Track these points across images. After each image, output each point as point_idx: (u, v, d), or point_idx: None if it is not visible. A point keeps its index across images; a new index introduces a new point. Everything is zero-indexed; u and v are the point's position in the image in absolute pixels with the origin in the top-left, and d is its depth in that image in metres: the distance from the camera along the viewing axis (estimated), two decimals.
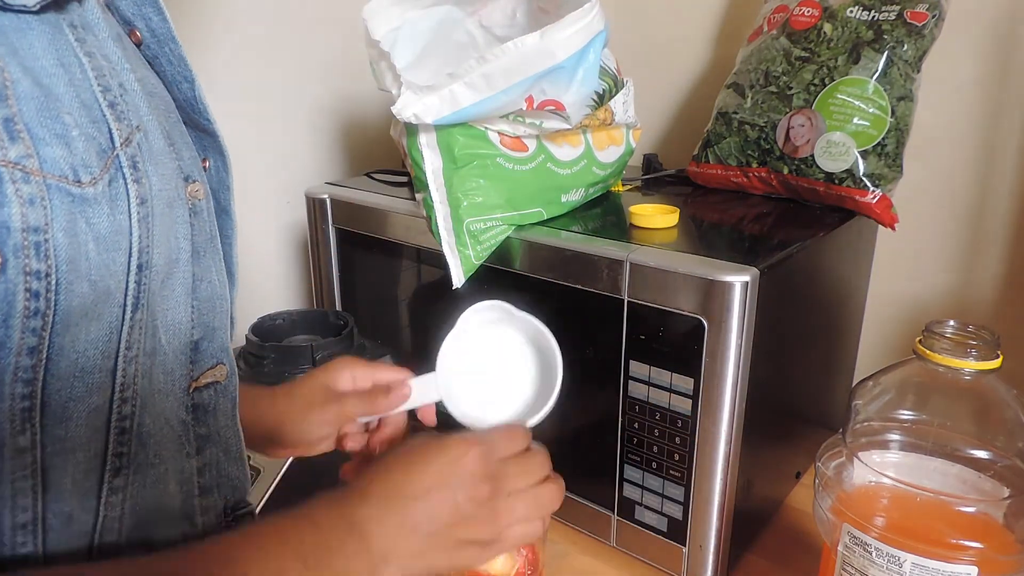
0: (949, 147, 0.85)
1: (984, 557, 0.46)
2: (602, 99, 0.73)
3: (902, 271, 0.90)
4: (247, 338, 0.81)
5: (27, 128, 0.33)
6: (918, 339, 0.51)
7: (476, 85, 0.62)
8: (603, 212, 0.78)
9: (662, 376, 0.62)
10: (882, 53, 0.75)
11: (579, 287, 0.66)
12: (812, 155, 0.77)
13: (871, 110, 0.75)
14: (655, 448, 0.65)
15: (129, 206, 0.36)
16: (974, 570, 0.46)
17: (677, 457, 0.64)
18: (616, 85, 0.76)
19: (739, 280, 0.57)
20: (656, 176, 0.93)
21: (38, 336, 0.33)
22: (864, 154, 0.75)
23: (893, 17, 0.76)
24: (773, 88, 0.80)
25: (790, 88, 0.79)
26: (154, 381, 0.40)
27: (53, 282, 0.33)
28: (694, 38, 1.02)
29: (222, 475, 0.47)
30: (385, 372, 0.59)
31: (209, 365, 0.45)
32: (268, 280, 1.02)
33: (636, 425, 0.65)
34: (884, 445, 0.53)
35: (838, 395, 0.85)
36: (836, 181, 0.76)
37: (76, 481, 0.37)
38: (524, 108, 0.66)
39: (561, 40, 0.62)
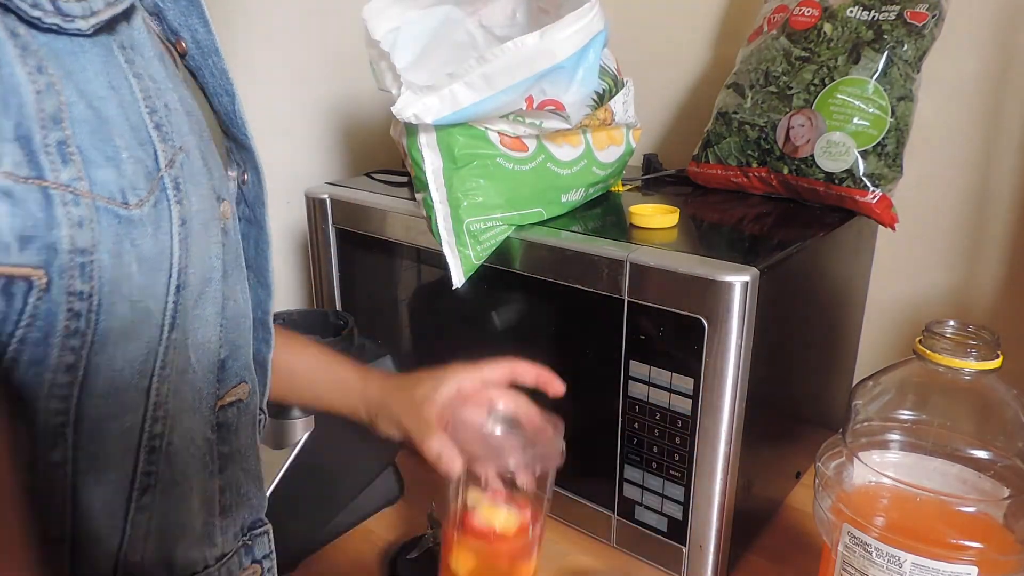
0: (949, 147, 0.85)
1: (984, 557, 0.46)
2: (602, 99, 0.73)
3: (902, 271, 0.90)
4: None
5: (80, 151, 0.33)
6: (918, 339, 0.51)
7: (476, 85, 0.62)
8: (603, 212, 0.78)
9: (662, 376, 0.62)
10: (882, 53, 0.75)
11: (579, 287, 0.65)
12: (812, 155, 0.77)
13: (871, 110, 0.75)
14: (655, 448, 0.65)
15: (171, 227, 0.37)
16: (974, 570, 0.46)
17: (677, 457, 0.64)
18: (616, 85, 0.76)
19: (739, 280, 0.57)
20: (656, 176, 0.93)
21: (76, 354, 0.34)
22: (864, 154, 0.75)
23: (893, 17, 0.76)
24: (773, 88, 0.80)
25: (790, 88, 0.79)
26: (183, 400, 0.40)
27: (95, 303, 0.33)
28: (694, 38, 1.02)
29: (241, 494, 0.47)
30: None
31: (233, 383, 0.45)
32: None
33: (636, 425, 0.65)
34: (884, 445, 0.53)
35: (838, 395, 0.85)
36: (836, 181, 0.76)
37: (105, 499, 0.37)
38: (524, 108, 0.66)
39: (561, 40, 0.62)
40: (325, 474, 0.70)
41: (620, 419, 0.66)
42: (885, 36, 0.75)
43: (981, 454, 0.50)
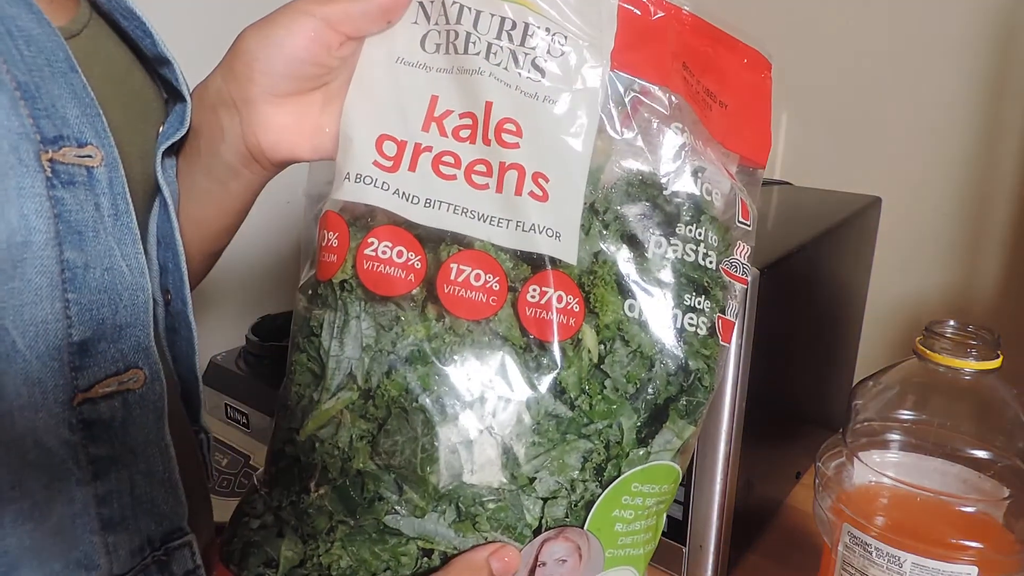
0: (949, 146, 0.85)
1: (984, 557, 0.46)
2: None
3: (902, 271, 0.90)
4: (247, 338, 0.81)
5: None
6: (918, 339, 0.51)
7: None
8: None
9: None
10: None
11: None
12: None
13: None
14: None
15: None
16: (974, 570, 0.46)
17: None
18: None
19: None
20: None
21: None
22: None
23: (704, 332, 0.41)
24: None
25: None
26: (6, 396, 0.33)
27: None
28: None
29: (141, 503, 0.39)
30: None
31: (110, 372, 0.36)
32: (268, 280, 1.02)
33: None
34: (884, 445, 0.53)
35: (838, 395, 0.85)
36: None
37: None
38: None
39: None
40: None
41: None
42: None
43: (981, 454, 0.50)
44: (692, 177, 0.39)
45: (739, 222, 0.41)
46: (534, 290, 0.37)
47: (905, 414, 0.52)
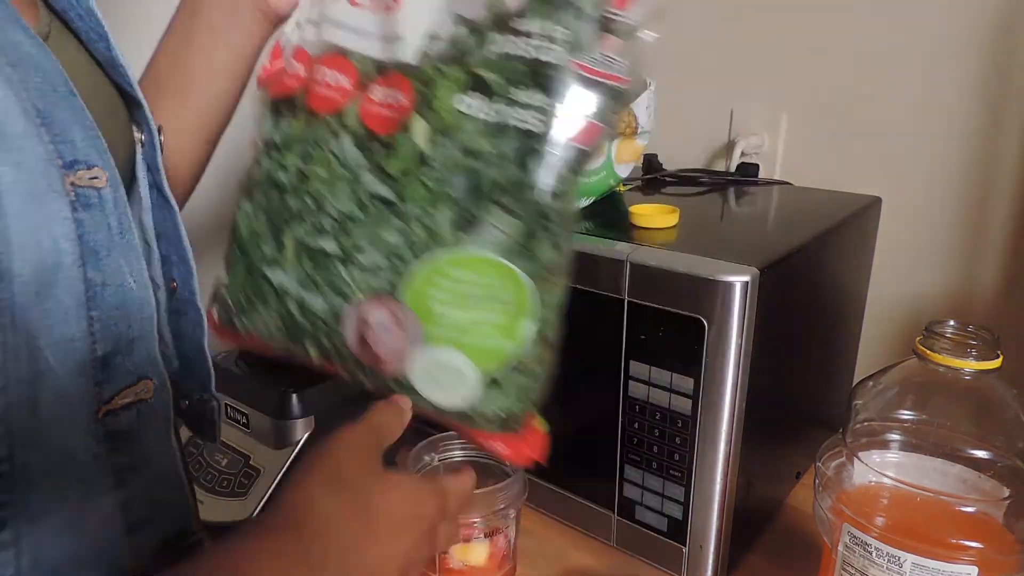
0: (949, 146, 0.85)
1: (984, 557, 0.46)
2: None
3: (902, 271, 0.90)
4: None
5: None
6: (918, 339, 0.51)
7: None
8: (603, 212, 0.78)
9: (662, 376, 0.62)
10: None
11: (579, 287, 0.65)
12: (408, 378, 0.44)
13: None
14: (655, 448, 0.65)
15: None
16: (974, 570, 0.46)
17: (677, 457, 0.64)
18: (639, 85, 0.76)
19: (739, 280, 0.57)
20: (656, 176, 0.93)
21: None
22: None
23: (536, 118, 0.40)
24: (312, 235, 0.45)
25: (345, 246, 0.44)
26: (40, 412, 0.34)
27: None
28: (694, 38, 1.02)
29: (157, 506, 0.41)
30: None
31: (127, 383, 0.38)
32: None
33: (636, 425, 0.65)
34: (884, 445, 0.53)
35: (838, 395, 0.85)
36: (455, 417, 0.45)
37: None
38: None
39: None
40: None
41: (620, 419, 0.66)
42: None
43: (981, 454, 0.50)
44: None
45: (610, 12, 0.39)
46: (377, 89, 0.43)
47: (905, 414, 0.52)
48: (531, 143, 0.39)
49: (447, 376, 0.42)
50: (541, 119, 0.39)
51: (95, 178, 0.36)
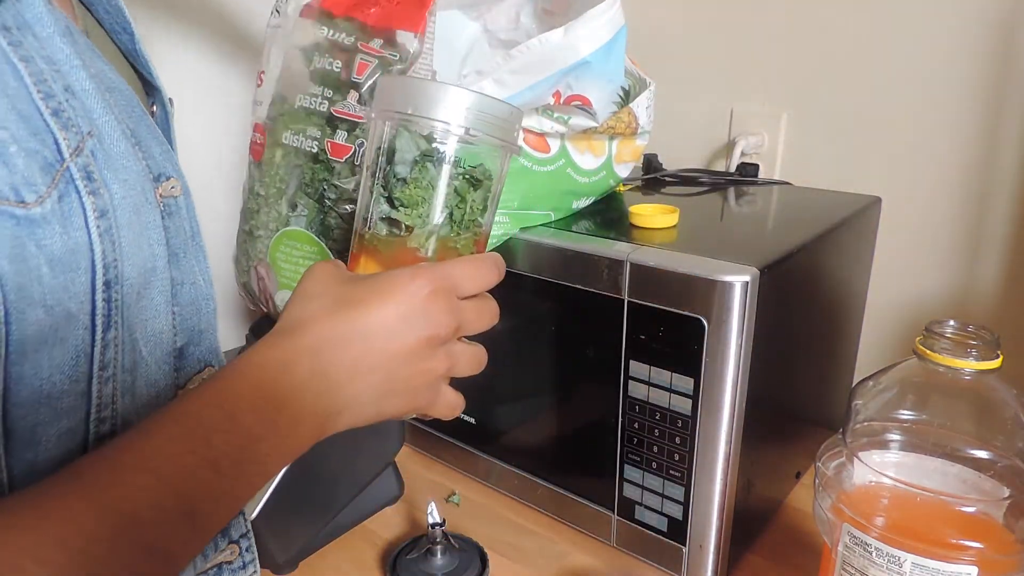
0: (949, 146, 0.85)
1: (984, 557, 0.46)
2: (627, 96, 0.73)
3: (902, 271, 0.90)
4: (247, 338, 0.81)
5: None
6: (918, 339, 0.51)
7: (505, 81, 0.62)
8: (603, 212, 0.78)
9: (662, 376, 0.62)
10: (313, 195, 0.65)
11: (579, 287, 0.65)
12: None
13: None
14: (655, 448, 0.65)
15: (87, 221, 0.34)
16: (974, 570, 0.46)
17: (677, 457, 0.64)
18: (639, 85, 0.76)
19: (739, 280, 0.57)
20: (656, 176, 0.93)
21: None
22: None
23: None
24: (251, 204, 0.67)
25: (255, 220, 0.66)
26: (137, 396, 0.38)
27: (1, 313, 0.30)
28: (694, 37, 1.02)
29: None
30: None
31: (196, 370, 0.43)
32: None
33: (636, 425, 0.65)
34: (884, 445, 0.53)
35: (838, 395, 0.85)
36: None
37: None
38: (552, 103, 0.66)
39: (584, 35, 0.62)
40: (325, 474, 0.70)
41: (620, 419, 0.66)
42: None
43: (981, 454, 0.50)
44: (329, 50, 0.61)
45: (353, 78, 0.60)
46: (257, 135, 0.66)
47: (905, 414, 0.52)
48: (316, 156, 0.62)
49: None
50: (318, 143, 0.62)
51: (173, 187, 0.41)
